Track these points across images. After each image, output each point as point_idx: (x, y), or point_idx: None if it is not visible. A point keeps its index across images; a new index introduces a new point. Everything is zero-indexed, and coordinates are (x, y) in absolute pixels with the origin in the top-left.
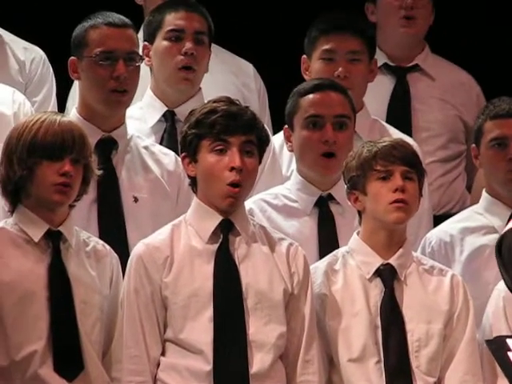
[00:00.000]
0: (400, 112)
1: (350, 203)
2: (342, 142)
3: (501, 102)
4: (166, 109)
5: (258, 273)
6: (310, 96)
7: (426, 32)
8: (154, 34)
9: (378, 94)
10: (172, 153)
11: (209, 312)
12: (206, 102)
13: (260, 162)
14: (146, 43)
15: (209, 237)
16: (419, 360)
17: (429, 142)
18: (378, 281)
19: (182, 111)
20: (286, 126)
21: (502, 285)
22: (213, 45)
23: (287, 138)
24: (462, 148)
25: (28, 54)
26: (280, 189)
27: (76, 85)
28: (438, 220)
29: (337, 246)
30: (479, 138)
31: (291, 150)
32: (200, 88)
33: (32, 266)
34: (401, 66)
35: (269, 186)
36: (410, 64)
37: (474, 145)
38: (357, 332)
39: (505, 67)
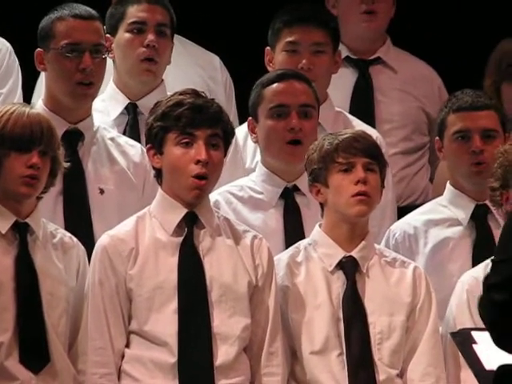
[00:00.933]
0: (363, 104)
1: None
2: (308, 130)
3: (463, 95)
4: (128, 101)
5: (222, 265)
6: (274, 86)
7: (387, 25)
8: (117, 26)
9: (340, 86)
10: (138, 144)
11: (173, 304)
12: (168, 94)
13: (225, 155)
14: (108, 35)
15: (173, 229)
16: (381, 352)
17: (392, 133)
18: (340, 273)
19: (144, 104)
20: (250, 118)
21: (465, 277)
22: (179, 37)
23: (251, 130)
24: (425, 140)
25: None
26: (245, 180)
27: (42, 77)
28: (401, 212)
29: (303, 238)
30: (443, 131)
31: (256, 142)
32: (162, 80)
33: None
34: (363, 58)
35: (231, 179)
36: (372, 57)
37: (437, 138)
38: (319, 324)
39: (466, 60)
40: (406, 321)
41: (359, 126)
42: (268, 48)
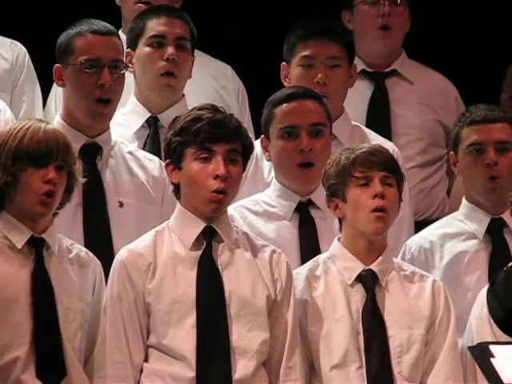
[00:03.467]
0: (379, 117)
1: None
2: (319, 150)
3: (477, 109)
4: (149, 115)
5: (241, 280)
6: (284, 106)
7: (402, 41)
8: (137, 40)
9: (356, 99)
10: (156, 158)
11: (192, 318)
12: (189, 108)
13: (244, 170)
14: (128, 50)
15: (192, 243)
16: (401, 366)
17: (408, 146)
18: (359, 286)
19: (165, 117)
20: (263, 136)
21: (485, 291)
22: None
23: (264, 148)
24: (443, 152)
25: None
26: (260, 196)
27: (53, 93)
28: (418, 226)
29: (318, 251)
30: (457, 145)
31: (269, 160)
32: (183, 94)
33: (15, 271)
34: (378, 71)
35: (252, 193)
36: (388, 69)
37: (452, 152)
38: (338, 338)
39: (483, 73)
40: (425, 334)
41: (376, 139)
42: (284, 63)
